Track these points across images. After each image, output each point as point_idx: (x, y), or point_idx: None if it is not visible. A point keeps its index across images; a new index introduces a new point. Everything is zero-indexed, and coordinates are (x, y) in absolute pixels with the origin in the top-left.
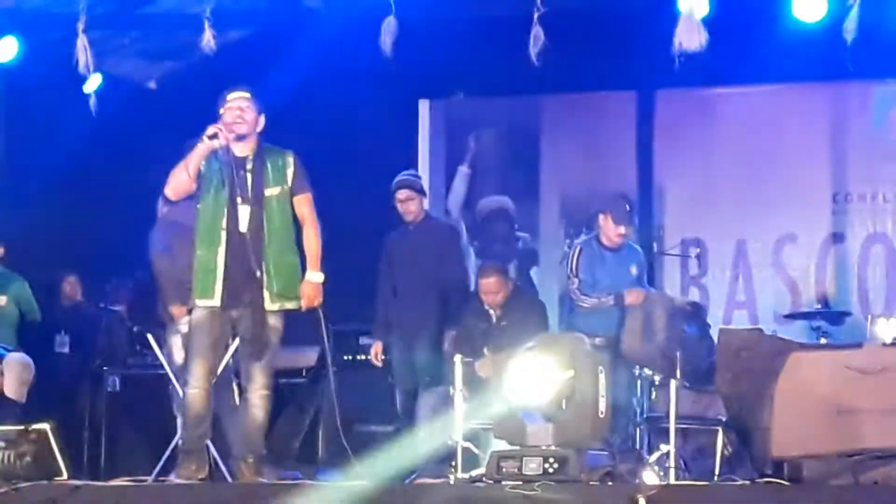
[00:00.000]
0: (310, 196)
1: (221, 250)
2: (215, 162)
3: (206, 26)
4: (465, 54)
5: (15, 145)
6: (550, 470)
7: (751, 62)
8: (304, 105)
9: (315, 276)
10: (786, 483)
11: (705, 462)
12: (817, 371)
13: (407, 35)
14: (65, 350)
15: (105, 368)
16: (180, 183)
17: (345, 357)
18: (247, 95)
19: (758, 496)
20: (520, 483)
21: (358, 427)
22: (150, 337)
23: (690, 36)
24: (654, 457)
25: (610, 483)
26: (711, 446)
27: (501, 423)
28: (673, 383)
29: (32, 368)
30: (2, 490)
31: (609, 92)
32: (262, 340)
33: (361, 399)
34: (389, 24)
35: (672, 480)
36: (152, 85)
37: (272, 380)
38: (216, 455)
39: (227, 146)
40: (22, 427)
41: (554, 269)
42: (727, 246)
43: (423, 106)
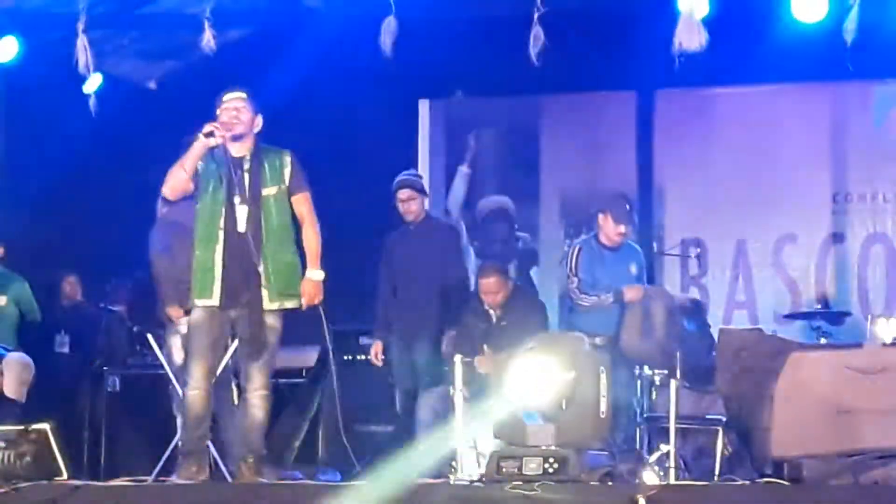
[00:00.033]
0: (308, 195)
1: (219, 250)
2: (212, 162)
3: (206, 26)
4: (465, 54)
5: (15, 145)
6: (550, 470)
7: (751, 62)
8: (304, 105)
9: (315, 274)
10: (786, 483)
11: (705, 462)
12: (817, 371)
13: (407, 35)
14: (65, 350)
15: (105, 368)
16: (178, 182)
17: (345, 357)
18: (243, 96)
19: (758, 496)
20: (520, 483)
21: (357, 427)
22: (150, 337)
23: (690, 36)
24: (654, 457)
25: (610, 483)
26: (711, 446)
27: (501, 424)
28: (673, 383)
29: (32, 368)
30: (2, 490)
31: (609, 92)
32: (261, 340)
33: (361, 399)
34: (389, 24)
35: (672, 480)
36: (152, 85)
37: (271, 380)
38: (216, 455)
39: (224, 146)
40: (22, 427)
41: (554, 269)
42: (727, 246)
43: (423, 106)
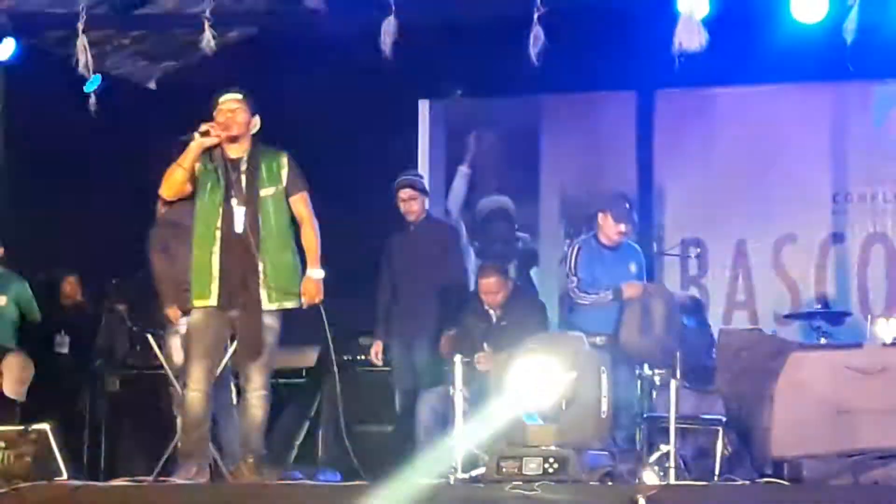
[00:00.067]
0: (305, 195)
1: (217, 251)
2: (209, 163)
3: (206, 26)
4: (465, 54)
5: (15, 145)
6: (550, 470)
7: (751, 62)
8: (305, 105)
9: (316, 273)
10: (786, 483)
11: (705, 462)
12: (817, 371)
13: (407, 35)
14: (65, 350)
15: (105, 368)
16: (175, 182)
17: (345, 357)
18: (238, 97)
19: (758, 496)
20: (520, 483)
21: (357, 427)
22: (150, 337)
23: (690, 36)
24: (654, 457)
25: (610, 483)
26: (711, 446)
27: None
28: (673, 383)
29: (31, 368)
30: (2, 490)
31: (609, 92)
32: (260, 341)
33: (361, 399)
34: (389, 24)
35: (672, 480)
36: (152, 85)
37: (271, 380)
38: (216, 455)
39: (221, 148)
40: (22, 427)
41: (554, 269)
42: (727, 246)
43: (423, 106)
